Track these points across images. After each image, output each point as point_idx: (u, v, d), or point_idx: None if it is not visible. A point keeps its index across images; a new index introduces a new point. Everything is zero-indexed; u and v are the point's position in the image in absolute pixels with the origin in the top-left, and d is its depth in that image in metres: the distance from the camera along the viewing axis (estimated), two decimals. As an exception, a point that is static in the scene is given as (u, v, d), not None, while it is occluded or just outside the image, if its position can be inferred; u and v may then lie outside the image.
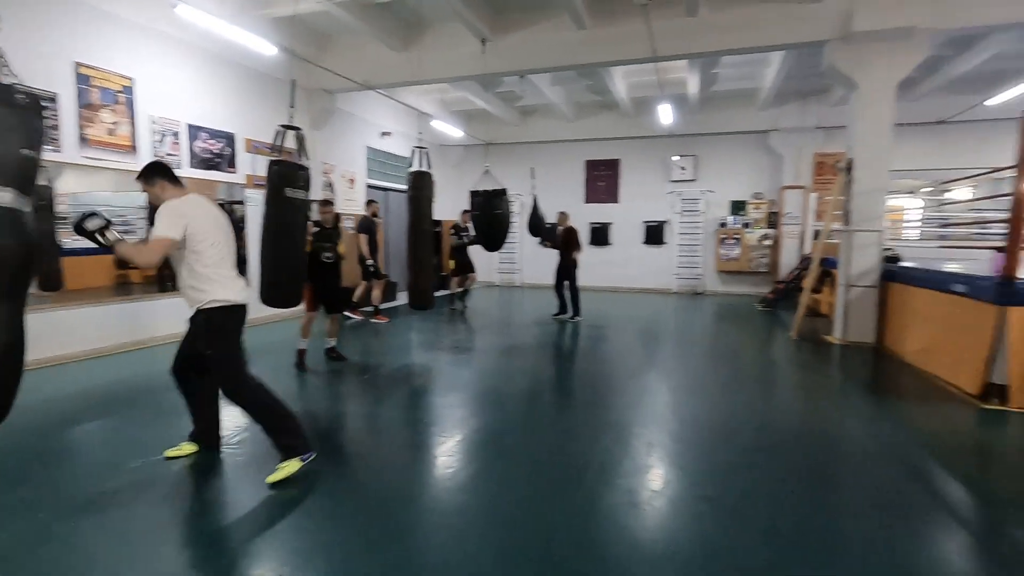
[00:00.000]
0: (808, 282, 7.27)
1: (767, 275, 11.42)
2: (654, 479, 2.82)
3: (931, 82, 9.44)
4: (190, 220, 2.58)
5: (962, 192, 14.18)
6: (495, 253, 8.99)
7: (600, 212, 12.76)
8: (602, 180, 12.77)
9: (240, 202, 7.13)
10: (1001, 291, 3.94)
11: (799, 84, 9.87)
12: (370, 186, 10.11)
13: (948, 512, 2.53)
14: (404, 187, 10.87)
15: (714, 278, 12.05)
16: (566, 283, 7.90)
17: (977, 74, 9.10)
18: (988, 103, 9.34)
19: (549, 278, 7.91)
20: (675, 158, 12.10)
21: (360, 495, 2.59)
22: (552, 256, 8.10)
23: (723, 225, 11.80)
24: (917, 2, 5.79)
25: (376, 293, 7.77)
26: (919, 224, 12.79)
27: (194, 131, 6.49)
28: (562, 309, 8.05)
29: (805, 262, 9.46)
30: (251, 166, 7.31)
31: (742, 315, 9.00)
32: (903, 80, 6.24)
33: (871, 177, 6.21)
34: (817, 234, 8.82)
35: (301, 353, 4.98)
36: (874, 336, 6.22)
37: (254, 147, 7.34)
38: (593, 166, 12.81)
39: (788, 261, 10.86)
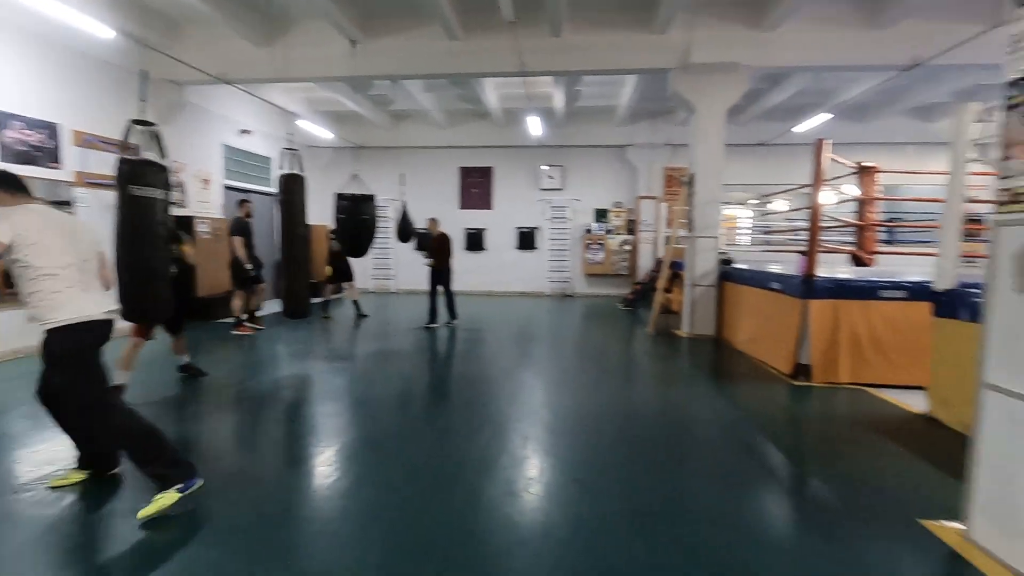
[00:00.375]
0: (661, 283, 8.11)
1: (627, 277, 12.47)
2: (530, 468, 3.02)
3: (753, 110, 11.01)
4: (18, 228, 2.28)
5: (780, 204, 16.64)
6: (370, 259, 8.81)
7: (475, 218, 13.03)
8: (476, 187, 13.06)
9: (67, 203, 6.21)
10: (804, 287, 4.77)
11: (650, 104, 10.96)
12: (228, 187, 9.36)
13: (768, 470, 3.03)
14: (267, 189, 10.32)
15: (582, 281, 12.88)
16: (440, 289, 7.85)
17: (787, 105, 10.80)
18: (795, 130, 11.13)
19: (425, 284, 7.88)
20: (544, 168, 12.76)
21: (238, 513, 2.46)
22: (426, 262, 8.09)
23: (589, 231, 12.67)
24: (739, 43, 6.78)
25: (238, 303, 7.23)
26: (749, 231, 14.80)
27: (3, 118, 5.57)
28: (432, 319, 7.80)
29: (659, 265, 10.51)
30: (81, 162, 6.43)
31: (606, 314, 9.76)
32: (732, 107, 7.25)
33: (708, 190, 7.12)
34: (668, 240, 9.87)
35: (116, 390, 3.75)
36: (714, 329, 7.13)
37: (86, 140, 6.47)
38: (467, 173, 13.06)
39: (645, 264, 11.97)
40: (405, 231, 9.38)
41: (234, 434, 3.67)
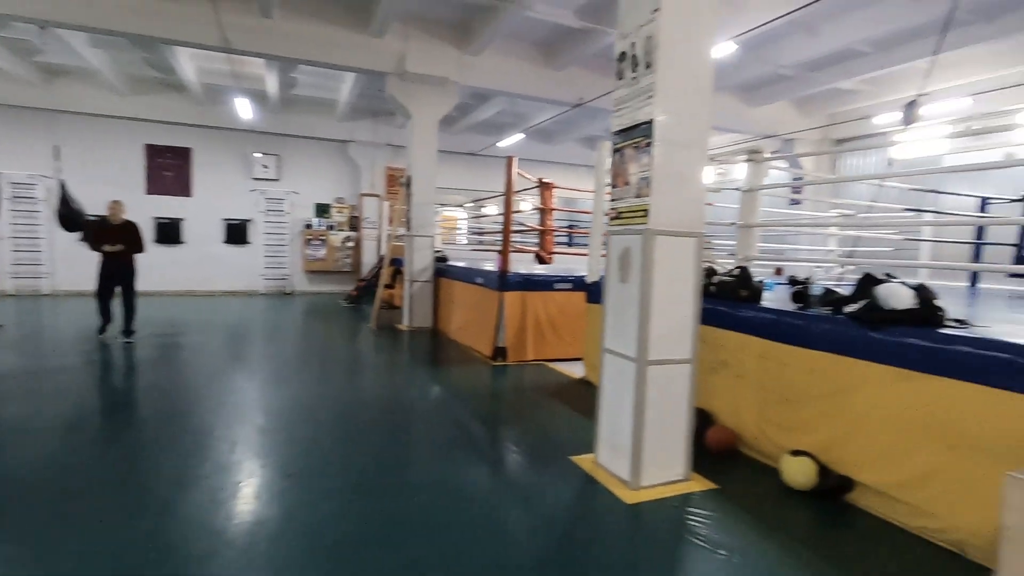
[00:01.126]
0: (383, 279, 8.38)
1: (351, 274, 12.42)
2: (238, 473, 2.88)
3: (465, 122, 12.18)
4: None
5: (490, 208, 18.70)
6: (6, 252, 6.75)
7: (168, 206, 11.20)
8: (169, 169, 11.22)
9: None
10: (500, 281, 5.60)
11: (371, 103, 11.12)
12: None
13: (467, 434, 3.54)
14: None
15: (302, 278, 12.30)
16: (118, 289, 6.14)
17: (492, 122, 12.28)
18: (500, 144, 12.74)
19: (95, 282, 6.19)
20: (258, 155, 11.74)
21: None
22: (94, 256, 6.15)
23: (309, 226, 12.17)
24: (450, 61, 7.47)
25: None
26: (467, 232, 16.30)
27: None
28: (106, 321, 6.20)
29: (382, 261, 10.78)
30: None
31: (329, 312, 9.58)
32: (446, 117, 7.94)
33: (424, 192, 7.66)
34: (390, 237, 10.22)
35: None
36: (432, 321, 7.72)
37: None
38: (157, 152, 11.11)
39: (369, 260, 12.11)
40: (70, 217, 7.46)
41: None
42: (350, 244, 12.44)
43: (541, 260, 6.58)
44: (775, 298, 3.63)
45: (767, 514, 2.59)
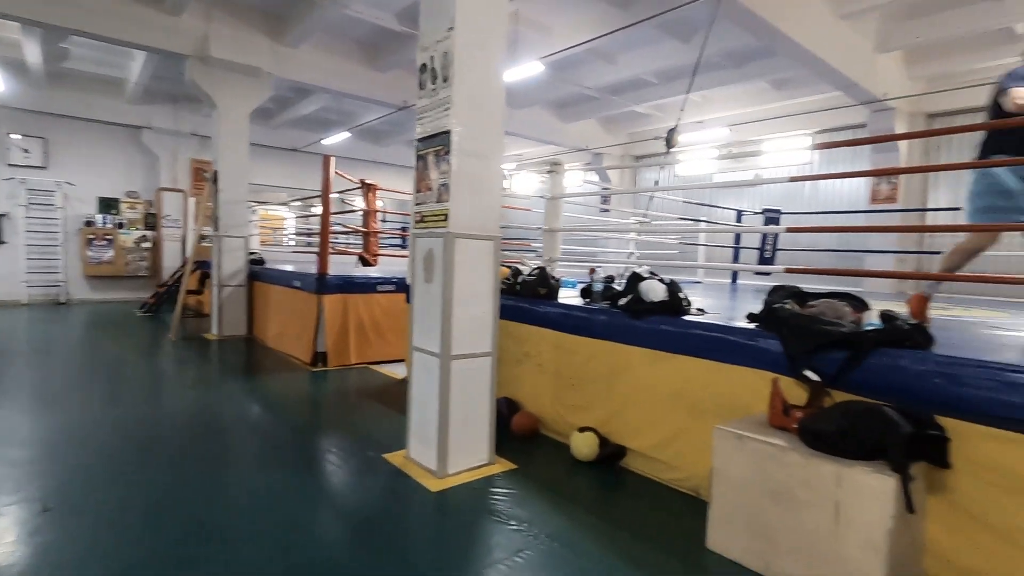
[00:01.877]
0: (186, 284, 7.52)
1: (149, 279, 10.90)
2: (-25, 516, 2.42)
3: (285, 116, 11.45)
4: None
5: (319, 208, 17.75)
6: None
7: None
8: None
9: None
10: (318, 284, 5.42)
11: (171, 87, 9.89)
12: None
13: (283, 443, 3.39)
14: None
15: (82, 284, 10.47)
16: None
17: (316, 118, 11.72)
18: (324, 142, 12.20)
19: None
20: (15, 137, 9.72)
21: None
22: None
23: (90, 224, 10.40)
24: (262, 50, 7.00)
25: None
26: (294, 232, 15.28)
27: None
28: None
29: (185, 264, 9.64)
30: None
31: (120, 323, 8.31)
32: (263, 110, 7.41)
33: (234, 189, 7.07)
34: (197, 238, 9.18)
35: None
36: (245, 329, 7.15)
37: None
38: None
39: (171, 264, 10.73)
40: None
41: None
42: (147, 245, 10.90)
43: (365, 262, 6.50)
44: (569, 295, 4.09)
45: (558, 485, 2.93)
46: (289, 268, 7.07)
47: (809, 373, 2.28)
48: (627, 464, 3.14)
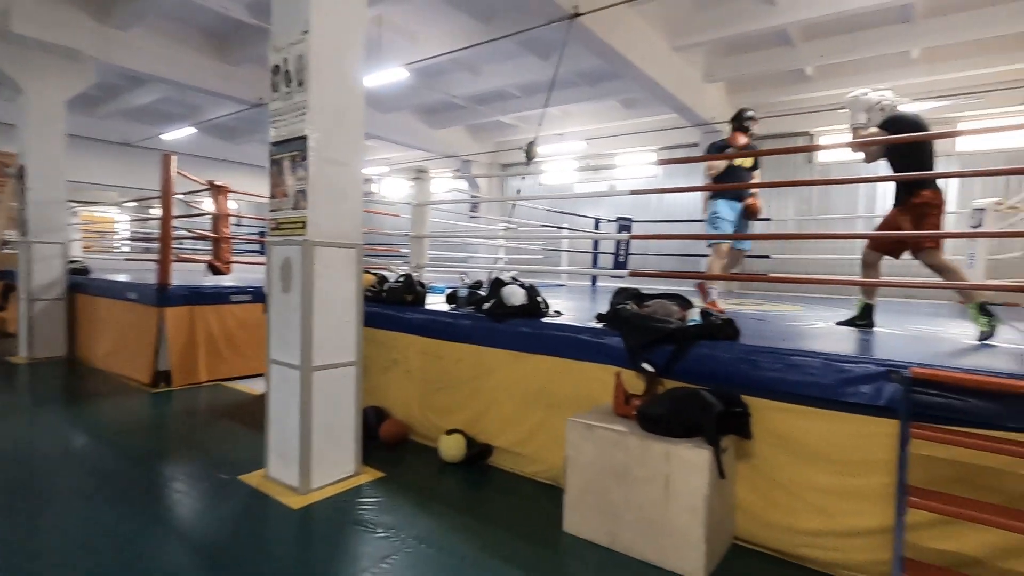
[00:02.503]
0: (-18, 299, 6.34)
1: (-72, 294, 8.94)
2: None
3: (114, 106, 10.12)
4: None
5: (159, 210, 15.86)
6: None
7: None
8: None
9: None
10: (159, 296, 4.89)
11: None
12: None
13: (120, 478, 3.01)
14: None
15: None
16: None
17: (153, 109, 10.51)
18: (164, 137, 10.98)
19: None
20: None
21: None
22: None
23: None
24: (79, 29, 6.13)
25: None
26: (128, 238, 13.45)
27: None
28: None
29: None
30: None
31: None
32: (84, 97, 6.47)
33: (47, 188, 6.11)
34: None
35: None
36: (65, 349, 6.20)
37: None
38: None
39: (-40, 275, 8.91)
40: None
41: None
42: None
43: (216, 270, 5.98)
44: (437, 300, 4.15)
45: (426, 489, 2.97)
46: (122, 278, 6.26)
47: (646, 365, 2.59)
48: (494, 462, 3.28)
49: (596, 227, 9.67)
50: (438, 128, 11.22)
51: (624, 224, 8.71)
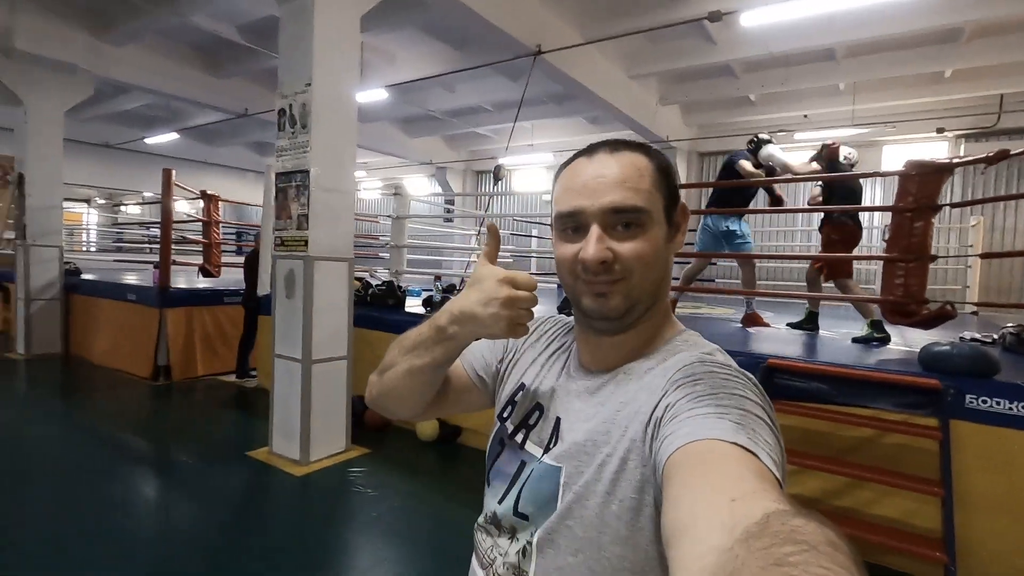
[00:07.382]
0: (-21, 298, 6.69)
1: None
2: None
3: (98, 110, 10.39)
4: None
5: (132, 209, 16.03)
6: None
7: None
8: None
9: None
10: (160, 298, 5.38)
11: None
12: None
13: (136, 458, 3.55)
14: None
15: None
16: None
17: (137, 114, 10.81)
18: (148, 140, 11.28)
19: None
20: None
21: None
22: None
23: None
24: (76, 45, 6.50)
25: None
26: (99, 238, 13.60)
27: None
28: None
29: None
30: None
31: None
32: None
33: (45, 194, 6.49)
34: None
35: None
36: (61, 346, 6.59)
37: None
38: None
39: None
40: None
41: None
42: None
43: (207, 274, 6.47)
44: (415, 303, 4.76)
45: (406, 462, 3.59)
46: (105, 280, 6.67)
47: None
48: (463, 440, 3.91)
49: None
50: (415, 137, 11.77)
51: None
